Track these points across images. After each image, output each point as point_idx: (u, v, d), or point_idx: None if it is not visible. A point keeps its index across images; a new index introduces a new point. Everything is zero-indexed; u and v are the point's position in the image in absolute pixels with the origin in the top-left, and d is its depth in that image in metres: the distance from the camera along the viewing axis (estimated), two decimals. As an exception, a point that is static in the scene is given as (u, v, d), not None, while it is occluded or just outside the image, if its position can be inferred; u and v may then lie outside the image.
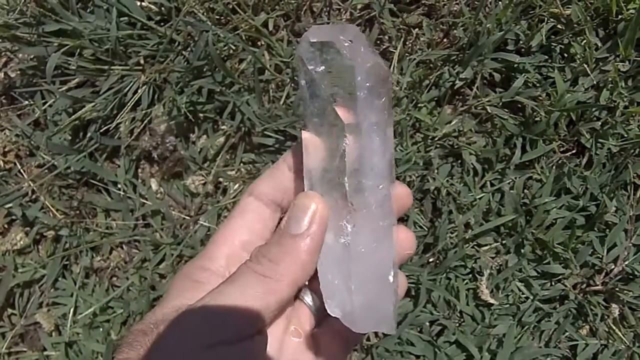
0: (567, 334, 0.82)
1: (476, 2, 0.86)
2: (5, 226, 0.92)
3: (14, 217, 0.91)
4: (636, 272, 0.81)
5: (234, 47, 0.86)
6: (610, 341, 0.81)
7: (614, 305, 0.81)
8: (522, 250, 0.83)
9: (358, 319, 0.33)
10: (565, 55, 0.84)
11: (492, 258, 0.83)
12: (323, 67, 0.32)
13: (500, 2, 0.83)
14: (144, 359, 0.27)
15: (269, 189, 0.35)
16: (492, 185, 0.84)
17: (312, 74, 0.32)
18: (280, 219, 0.35)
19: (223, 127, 0.88)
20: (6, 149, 0.92)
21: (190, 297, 0.31)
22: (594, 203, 0.82)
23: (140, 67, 0.85)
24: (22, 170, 0.92)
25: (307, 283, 0.34)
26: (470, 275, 0.84)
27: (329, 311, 0.33)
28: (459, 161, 0.85)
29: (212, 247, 0.34)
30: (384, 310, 0.33)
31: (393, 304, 0.33)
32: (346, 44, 0.32)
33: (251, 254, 0.31)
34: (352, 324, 0.33)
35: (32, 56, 0.90)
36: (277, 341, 0.33)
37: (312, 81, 0.32)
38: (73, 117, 0.86)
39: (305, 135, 0.33)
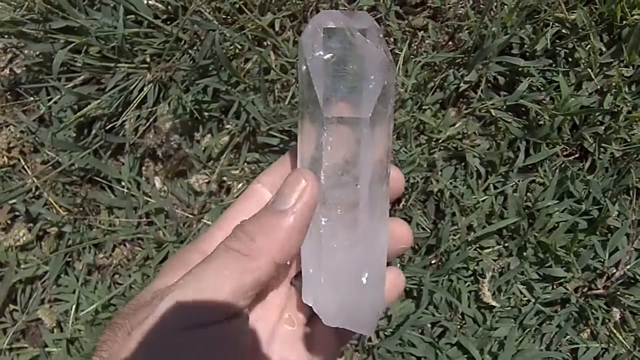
0: (568, 337, 0.83)
1: (482, 6, 0.87)
2: (9, 222, 0.92)
3: (17, 213, 0.91)
4: (638, 277, 0.81)
5: (239, 47, 0.86)
6: (611, 345, 0.82)
7: (615, 309, 0.81)
8: (524, 253, 0.83)
9: (328, 312, 0.32)
10: (570, 59, 0.85)
11: (494, 260, 0.84)
12: (329, 55, 0.30)
13: (505, 6, 0.84)
14: (125, 341, 0.27)
15: (276, 177, 0.34)
16: (495, 188, 0.85)
17: (316, 60, 0.30)
18: None
19: (228, 126, 0.88)
20: (11, 145, 0.92)
21: (177, 278, 0.31)
22: (597, 207, 0.82)
23: (146, 65, 0.86)
24: (26, 167, 0.92)
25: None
26: (472, 278, 0.84)
27: (302, 298, 0.33)
28: (463, 164, 0.85)
29: (211, 229, 0.34)
30: (358, 310, 0.32)
31: (370, 305, 0.32)
32: (357, 34, 0.30)
33: (232, 230, 0.30)
34: (322, 316, 0.32)
35: (38, 53, 0.90)
36: (269, 328, 0.33)
37: (314, 68, 0.30)
38: (78, 114, 0.86)
39: (301, 122, 0.32)
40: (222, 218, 0.34)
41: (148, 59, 0.86)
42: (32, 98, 0.92)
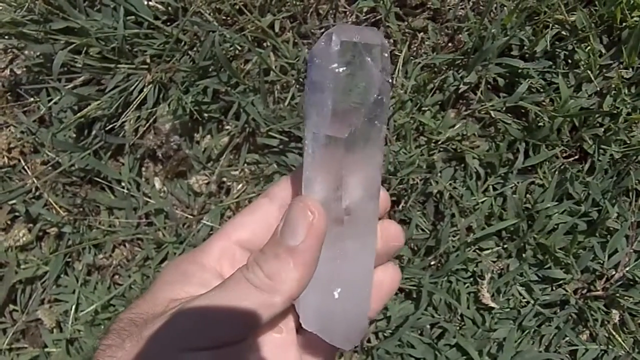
0: (567, 338, 0.83)
1: (481, 8, 0.87)
2: (9, 222, 0.92)
3: (17, 214, 0.92)
4: (637, 278, 0.81)
5: (239, 48, 0.86)
6: (610, 347, 0.82)
7: (614, 311, 0.81)
8: (524, 255, 0.83)
9: (307, 315, 0.32)
10: (570, 61, 0.85)
11: (494, 262, 0.84)
12: (343, 69, 0.30)
13: (505, 8, 0.84)
14: (132, 351, 0.27)
15: (285, 192, 0.35)
16: (494, 189, 0.85)
17: (328, 72, 0.30)
18: None
19: (227, 127, 0.88)
20: (11, 146, 0.92)
21: (177, 289, 0.31)
22: (596, 209, 0.82)
23: (146, 66, 0.86)
24: (26, 167, 0.92)
25: None
26: (472, 279, 0.84)
27: None
28: (462, 165, 0.85)
29: (211, 240, 0.34)
30: (332, 322, 0.32)
31: (345, 320, 0.32)
32: (374, 51, 0.30)
33: (248, 261, 0.30)
34: (301, 318, 0.32)
35: (38, 53, 0.90)
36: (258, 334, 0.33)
37: (324, 79, 0.30)
38: (78, 114, 0.86)
39: (304, 135, 0.32)
40: (223, 230, 0.34)
41: (148, 60, 0.86)
42: (32, 99, 0.92)
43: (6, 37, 0.88)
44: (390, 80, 0.31)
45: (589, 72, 0.82)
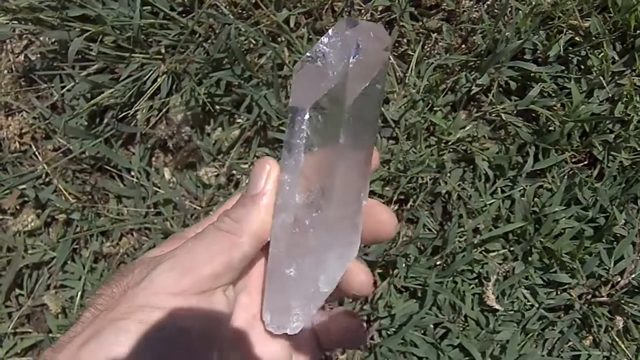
0: (570, 343, 0.83)
1: (496, 10, 0.87)
2: (18, 207, 0.92)
3: (26, 199, 0.92)
4: (642, 286, 0.81)
5: (254, 42, 0.87)
6: (613, 353, 0.82)
7: (618, 318, 0.81)
8: (530, 258, 0.83)
9: (266, 294, 0.33)
10: (582, 67, 0.85)
11: (500, 264, 0.84)
12: (350, 59, 0.30)
13: (520, 11, 0.84)
14: (121, 298, 0.29)
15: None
16: (502, 191, 0.85)
17: (309, 68, 0.31)
18: None
19: (239, 120, 0.89)
20: (23, 131, 0.93)
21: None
22: (603, 215, 0.83)
23: (161, 57, 0.86)
24: (37, 153, 0.93)
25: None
26: (477, 280, 0.85)
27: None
28: (471, 166, 0.86)
29: (204, 220, 0.36)
30: (285, 305, 0.33)
31: (300, 305, 0.33)
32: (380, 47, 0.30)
33: (217, 216, 0.33)
34: (264, 317, 0.33)
35: (53, 40, 0.91)
36: (250, 319, 0.33)
37: (305, 75, 0.31)
38: (91, 102, 0.86)
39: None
40: (215, 214, 0.37)
41: (163, 50, 0.87)
42: (45, 85, 0.92)
43: (23, 22, 0.89)
44: (383, 90, 0.32)
45: (601, 78, 0.82)
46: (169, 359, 0.28)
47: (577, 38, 0.84)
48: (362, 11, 0.89)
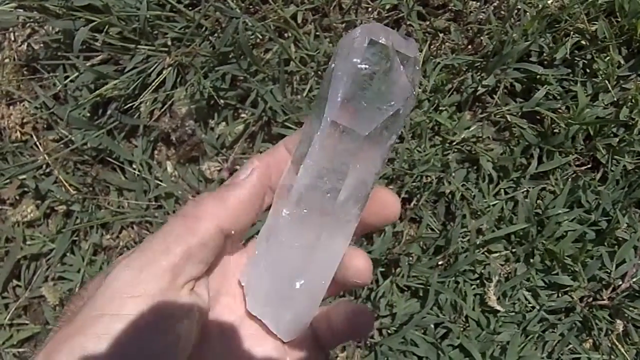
0: (570, 346, 0.83)
1: (503, 12, 0.87)
2: (17, 197, 0.91)
3: (26, 189, 0.91)
4: (643, 290, 0.81)
5: (261, 37, 0.86)
6: (612, 357, 0.82)
7: (618, 321, 0.81)
8: (532, 260, 0.83)
9: (254, 297, 0.32)
10: (588, 70, 0.85)
11: (502, 265, 0.84)
12: (364, 66, 0.29)
13: (527, 13, 0.84)
14: (80, 310, 0.27)
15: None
16: (506, 193, 0.85)
17: (349, 64, 0.29)
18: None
19: (243, 115, 0.88)
20: (24, 121, 0.92)
21: None
22: (606, 218, 0.83)
23: (166, 49, 0.86)
24: (38, 143, 0.92)
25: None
26: (479, 281, 0.84)
27: (239, 276, 0.33)
28: (476, 167, 0.86)
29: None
30: (278, 310, 0.32)
31: (294, 312, 0.32)
32: (397, 58, 0.30)
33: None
34: (247, 299, 0.32)
35: (57, 29, 0.90)
36: (238, 319, 0.32)
37: (343, 70, 0.30)
38: (95, 93, 0.86)
39: (311, 116, 0.32)
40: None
41: (169, 43, 0.86)
42: (48, 75, 0.91)
43: (28, 10, 0.88)
44: (415, 94, 0.31)
45: (607, 82, 0.82)
46: None
47: (583, 41, 0.85)
48: (370, 9, 0.88)
